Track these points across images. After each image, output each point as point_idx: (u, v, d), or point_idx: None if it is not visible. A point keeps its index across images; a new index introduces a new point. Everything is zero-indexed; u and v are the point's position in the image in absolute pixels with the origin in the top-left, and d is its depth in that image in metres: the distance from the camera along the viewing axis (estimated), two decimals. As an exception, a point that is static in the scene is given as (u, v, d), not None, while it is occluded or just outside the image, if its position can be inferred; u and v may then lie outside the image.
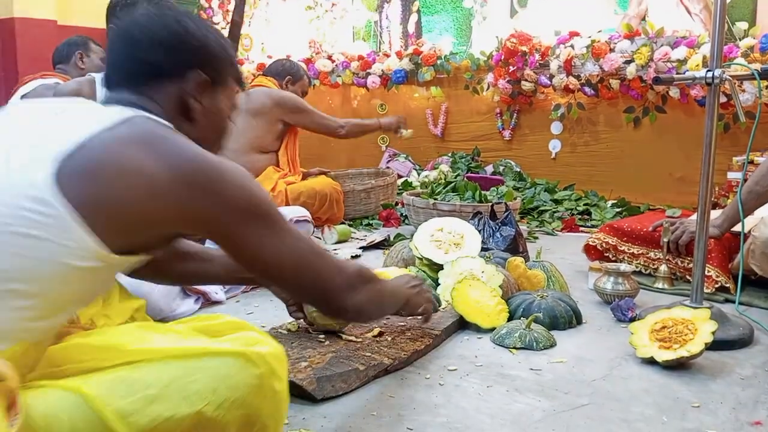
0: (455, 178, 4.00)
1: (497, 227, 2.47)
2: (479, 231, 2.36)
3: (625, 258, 2.41)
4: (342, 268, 1.10)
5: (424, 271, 2.13)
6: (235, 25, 2.00)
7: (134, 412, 0.81)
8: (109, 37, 1.09)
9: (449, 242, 2.18)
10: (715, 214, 2.17)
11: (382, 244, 3.01)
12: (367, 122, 3.50)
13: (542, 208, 3.70)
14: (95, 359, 0.87)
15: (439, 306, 1.87)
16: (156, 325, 1.13)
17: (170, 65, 1.04)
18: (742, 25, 3.52)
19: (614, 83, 3.85)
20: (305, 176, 3.38)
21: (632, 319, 1.86)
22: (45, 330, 0.88)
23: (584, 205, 3.77)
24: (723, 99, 3.30)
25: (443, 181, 3.72)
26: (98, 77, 1.88)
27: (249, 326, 1.02)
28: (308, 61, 5.04)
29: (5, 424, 0.74)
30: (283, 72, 3.33)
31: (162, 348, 0.88)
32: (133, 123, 0.91)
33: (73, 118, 0.91)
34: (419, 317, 1.64)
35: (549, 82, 4.08)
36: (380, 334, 1.68)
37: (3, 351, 0.81)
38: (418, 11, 5.51)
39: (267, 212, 0.98)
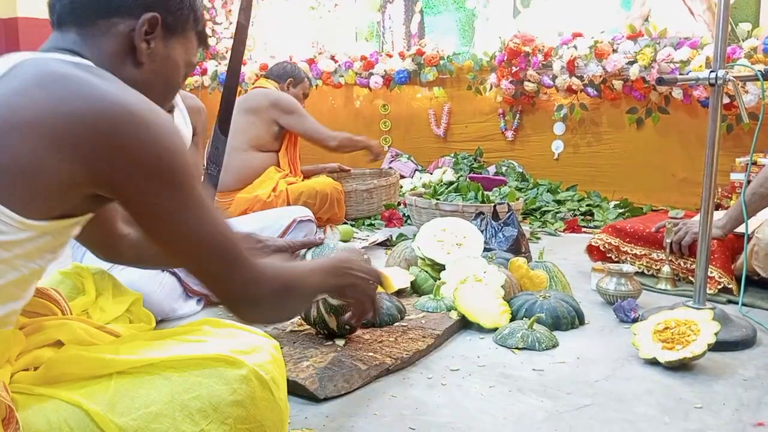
0: (458, 178, 4.00)
1: (500, 228, 2.47)
2: (482, 231, 2.36)
3: (628, 259, 2.41)
4: (254, 265, 0.93)
5: (426, 272, 2.13)
6: (241, 28, 1.99)
7: (136, 429, 0.79)
8: None
9: (452, 242, 2.18)
10: (718, 215, 2.17)
11: (385, 244, 3.01)
12: (356, 138, 3.40)
13: (545, 209, 3.70)
14: (90, 369, 0.83)
15: (379, 312, 1.59)
16: (149, 333, 1.07)
17: (123, 1, 0.91)
18: (746, 26, 3.51)
19: (617, 84, 3.84)
20: (321, 171, 3.52)
21: (635, 320, 1.86)
22: (9, 313, 0.83)
23: (587, 205, 3.76)
24: (726, 100, 3.29)
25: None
26: None
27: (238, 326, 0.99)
28: (311, 62, 5.04)
29: None
30: (285, 74, 3.34)
31: (156, 359, 0.85)
32: (24, 66, 0.79)
33: None
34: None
35: (552, 83, 4.07)
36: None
37: None
38: (421, 12, 5.51)
39: (182, 180, 0.82)
